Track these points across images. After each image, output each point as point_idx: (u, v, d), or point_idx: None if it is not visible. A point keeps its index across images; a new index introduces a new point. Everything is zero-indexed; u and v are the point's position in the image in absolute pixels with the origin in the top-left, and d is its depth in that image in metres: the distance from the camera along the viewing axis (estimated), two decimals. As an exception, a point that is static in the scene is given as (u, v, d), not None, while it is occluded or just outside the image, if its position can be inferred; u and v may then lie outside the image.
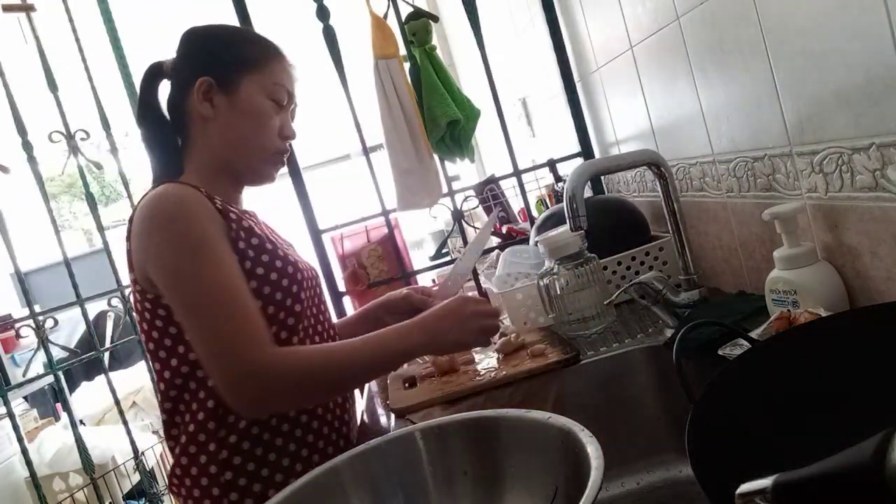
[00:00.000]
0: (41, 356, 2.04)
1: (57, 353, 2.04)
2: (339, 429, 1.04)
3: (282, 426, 0.97)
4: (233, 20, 1.60)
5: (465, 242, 1.76)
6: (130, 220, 0.95)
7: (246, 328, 0.86)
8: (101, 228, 1.99)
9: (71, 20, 1.91)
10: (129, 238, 0.95)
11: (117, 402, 2.09)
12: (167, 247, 0.89)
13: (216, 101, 1.00)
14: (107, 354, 2.18)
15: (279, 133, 1.04)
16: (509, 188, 2.04)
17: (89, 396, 3.79)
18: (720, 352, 0.87)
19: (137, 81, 1.97)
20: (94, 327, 2.17)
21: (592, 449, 0.58)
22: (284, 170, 1.64)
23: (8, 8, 1.81)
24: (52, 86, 1.87)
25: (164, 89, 1.07)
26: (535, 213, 1.97)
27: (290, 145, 1.09)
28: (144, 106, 1.07)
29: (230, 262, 0.91)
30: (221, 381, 0.86)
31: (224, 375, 0.85)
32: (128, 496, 3.05)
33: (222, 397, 0.88)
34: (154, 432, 3.28)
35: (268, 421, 0.96)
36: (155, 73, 1.07)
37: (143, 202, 0.94)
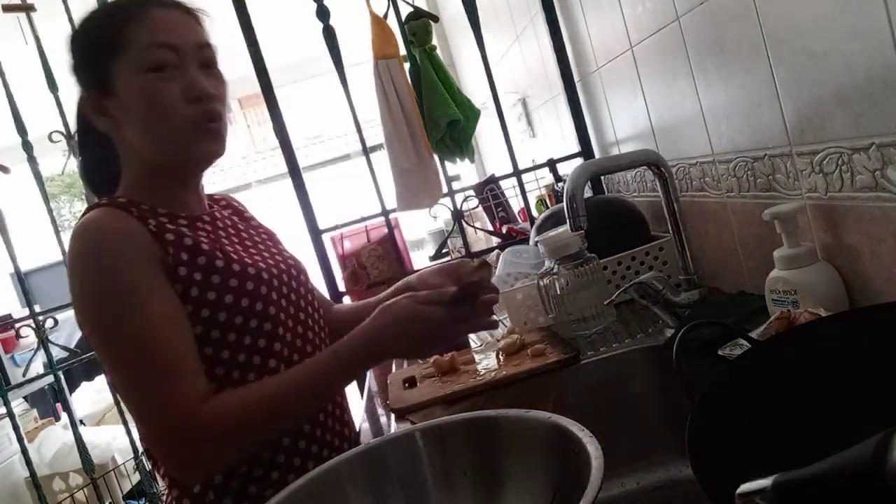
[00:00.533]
0: (41, 356, 2.04)
1: (57, 353, 2.04)
2: (342, 432, 1.00)
3: (281, 439, 0.91)
4: (233, 20, 1.60)
5: (465, 242, 1.76)
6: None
7: (169, 390, 0.78)
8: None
9: (71, 20, 1.91)
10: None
11: (117, 402, 2.08)
12: (85, 294, 0.81)
13: (107, 110, 0.87)
14: (107, 354, 2.17)
15: (186, 99, 0.85)
16: (509, 188, 2.04)
17: (89, 396, 3.80)
18: (720, 352, 0.87)
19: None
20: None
21: (592, 449, 0.58)
22: (284, 169, 1.65)
23: (8, 8, 1.81)
24: (52, 86, 1.87)
25: None
26: (535, 213, 1.97)
27: (215, 104, 0.88)
28: (83, 132, 0.95)
29: (158, 308, 0.80)
30: (151, 447, 0.81)
31: (153, 443, 0.80)
32: (128, 496, 3.05)
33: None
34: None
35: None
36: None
37: (71, 235, 0.84)
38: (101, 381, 3.82)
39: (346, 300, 1.74)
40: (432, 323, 0.84)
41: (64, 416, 3.53)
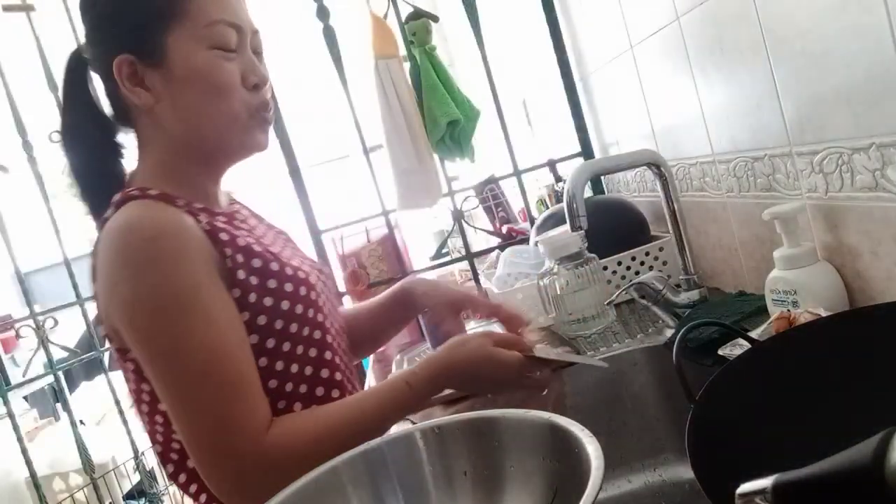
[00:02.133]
0: (41, 356, 2.04)
1: (57, 353, 2.04)
2: None
3: None
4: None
5: (465, 242, 1.76)
6: (94, 254, 0.77)
7: (238, 412, 0.70)
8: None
9: (71, 20, 1.91)
10: (94, 277, 0.77)
11: (117, 402, 2.09)
12: (138, 303, 0.70)
13: (148, 81, 0.78)
14: (107, 354, 2.18)
15: (244, 84, 0.80)
16: (509, 188, 2.03)
17: (89, 396, 3.79)
18: (720, 352, 0.87)
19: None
20: (94, 327, 2.17)
21: (592, 449, 0.58)
22: (284, 169, 1.64)
23: (8, 8, 1.81)
24: (52, 86, 1.87)
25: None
26: (535, 213, 1.97)
27: (273, 96, 0.84)
28: (72, 106, 0.84)
29: (223, 318, 0.72)
30: (209, 477, 0.71)
31: (212, 472, 0.71)
32: (128, 496, 3.05)
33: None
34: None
35: None
36: (80, 63, 0.84)
37: (107, 231, 0.73)
38: (100, 381, 3.81)
39: (347, 300, 1.74)
40: (505, 368, 0.80)
41: (64, 416, 3.53)
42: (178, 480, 0.81)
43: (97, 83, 0.84)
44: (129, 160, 0.87)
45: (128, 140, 0.86)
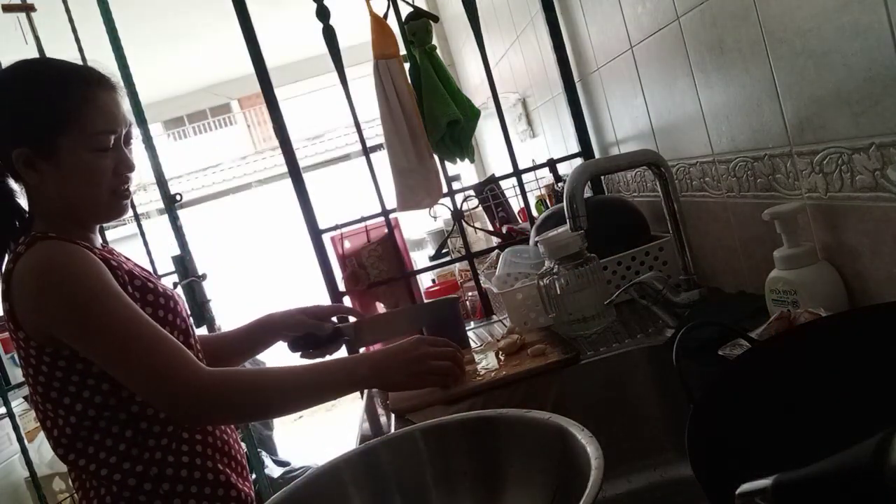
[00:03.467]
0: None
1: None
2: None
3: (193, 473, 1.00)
4: (232, 20, 1.60)
5: (465, 242, 1.76)
6: (5, 281, 0.94)
7: (174, 350, 0.90)
8: (100, 229, 1.98)
9: (71, 20, 1.91)
10: (5, 297, 0.94)
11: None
12: (69, 301, 0.89)
13: (39, 168, 0.96)
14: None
15: (114, 173, 1.00)
16: (509, 188, 2.04)
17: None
18: (720, 352, 0.87)
19: (138, 82, 1.98)
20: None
21: (592, 449, 0.58)
22: (284, 169, 1.64)
23: (8, 8, 1.81)
24: (52, 86, 1.86)
25: None
26: (535, 213, 1.97)
27: (131, 177, 1.03)
28: None
29: (132, 305, 0.93)
30: (163, 401, 0.90)
31: (165, 394, 0.89)
32: (128, 496, 3.05)
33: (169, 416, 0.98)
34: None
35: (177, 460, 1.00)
36: None
37: (25, 261, 0.92)
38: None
39: (347, 300, 1.74)
40: (410, 354, 1.02)
41: (64, 416, 3.53)
42: (68, 459, 0.98)
43: None
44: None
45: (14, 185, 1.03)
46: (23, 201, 1.04)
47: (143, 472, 0.97)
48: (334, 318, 1.27)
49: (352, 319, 1.29)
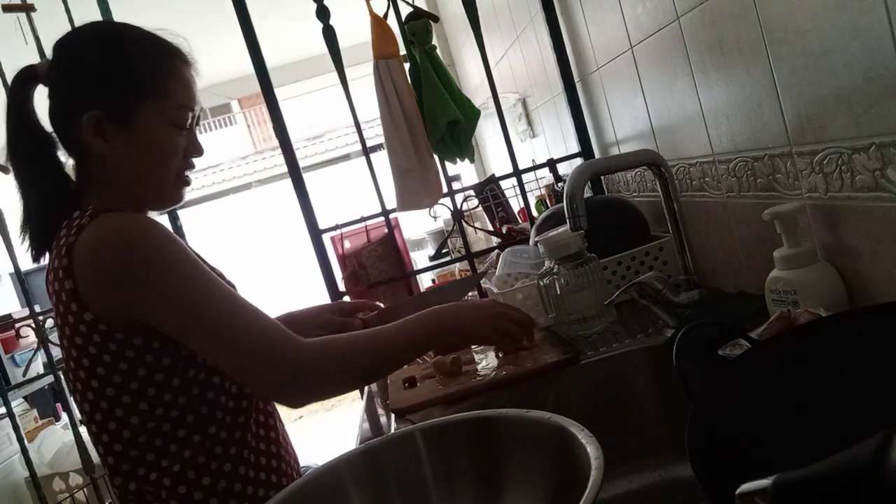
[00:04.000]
0: (41, 356, 2.04)
1: (57, 353, 2.03)
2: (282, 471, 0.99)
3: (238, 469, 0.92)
4: (232, 20, 1.60)
5: (465, 242, 1.76)
6: (65, 255, 0.84)
7: (273, 325, 0.86)
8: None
9: (71, 20, 1.91)
10: (67, 274, 0.84)
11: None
12: (159, 275, 0.82)
13: (109, 135, 0.89)
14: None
15: (185, 154, 0.95)
16: (509, 188, 2.04)
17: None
18: (720, 352, 0.87)
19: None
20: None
21: (592, 449, 0.58)
22: (284, 169, 1.64)
23: (8, 8, 1.81)
24: (52, 86, 1.86)
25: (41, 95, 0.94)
26: (535, 213, 1.97)
27: (194, 164, 0.98)
28: (19, 123, 0.92)
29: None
30: (267, 379, 0.84)
31: (270, 372, 0.84)
32: (128, 496, 3.05)
33: (265, 398, 0.96)
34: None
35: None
36: (27, 80, 0.93)
37: (92, 233, 0.83)
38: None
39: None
40: (484, 310, 1.03)
41: (64, 416, 3.53)
42: (121, 469, 0.88)
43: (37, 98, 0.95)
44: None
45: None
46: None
47: (211, 486, 0.88)
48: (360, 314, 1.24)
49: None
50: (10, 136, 0.92)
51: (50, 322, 1.96)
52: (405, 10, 1.65)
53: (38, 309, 1.99)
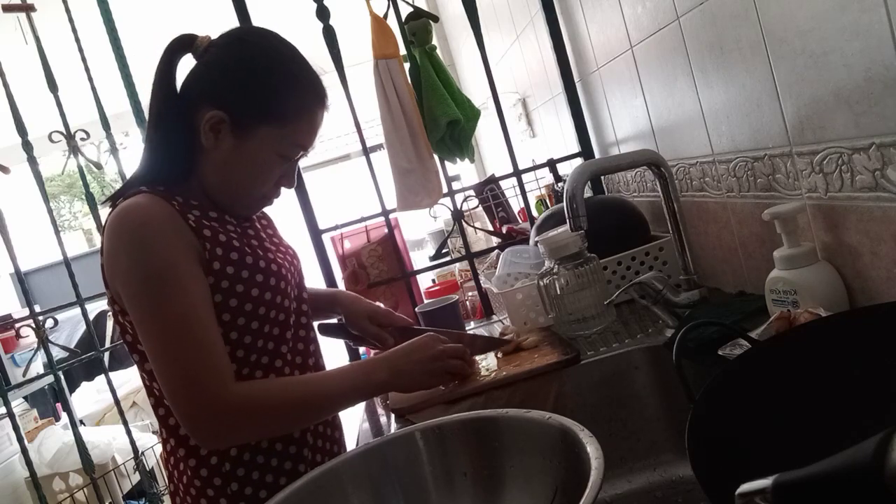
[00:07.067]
0: (41, 356, 2.04)
1: (57, 353, 2.04)
2: (330, 445, 1.06)
3: (275, 445, 0.96)
4: (232, 20, 1.60)
5: (465, 242, 1.76)
6: (103, 231, 0.92)
7: (207, 363, 0.84)
8: (101, 228, 1.98)
9: (71, 20, 1.91)
10: (102, 252, 0.91)
11: (117, 402, 2.09)
12: (131, 272, 0.86)
13: (221, 136, 0.92)
14: (107, 354, 2.18)
15: (277, 182, 0.98)
16: (509, 188, 2.04)
17: (89, 396, 3.79)
18: (720, 352, 0.87)
19: (138, 82, 1.98)
20: (94, 327, 2.17)
21: (592, 449, 0.58)
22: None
23: (8, 8, 1.81)
24: (52, 86, 1.87)
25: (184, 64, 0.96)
26: (535, 213, 1.97)
27: (281, 193, 1.01)
28: (165, 85, 0.94)
29: (196, 290, 0.87)
30: (180, 415, 0.84)
31: (184, 410, 0.84)
32: (128, 496, 3.05)
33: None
34: (154, 432, 3.28)
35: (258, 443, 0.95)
36: (182, 47, 0.95)
37: (113, 215, 0.89)
38: (101, 381, 3.81)
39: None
40: (430, 351, 1.01)
41: (64, 416, 3.53)
42: (168, 423, 0.95)
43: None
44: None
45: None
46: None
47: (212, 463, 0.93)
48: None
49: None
50: (155, 92, 0.95)
51: (50, 322, 1.96)
52: (405, 10, 1.65)
53: (38, 309, 1.99)
